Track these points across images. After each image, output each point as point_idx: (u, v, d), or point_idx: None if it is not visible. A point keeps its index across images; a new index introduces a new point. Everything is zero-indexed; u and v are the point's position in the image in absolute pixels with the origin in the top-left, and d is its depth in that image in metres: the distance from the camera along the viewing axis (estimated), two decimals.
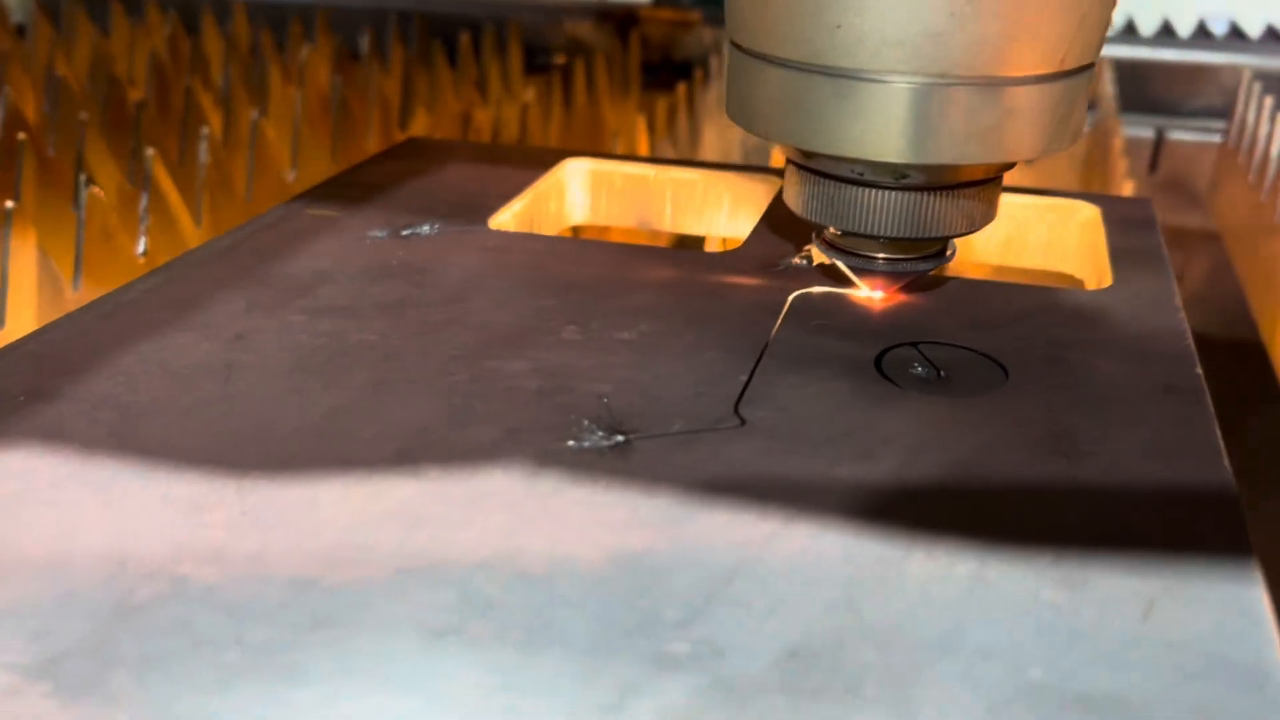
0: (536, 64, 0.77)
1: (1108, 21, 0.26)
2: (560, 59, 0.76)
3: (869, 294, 0.28)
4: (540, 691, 0.16)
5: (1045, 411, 0.23)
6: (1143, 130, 0.68)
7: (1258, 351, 0.50)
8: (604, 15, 0.78)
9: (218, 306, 0.27)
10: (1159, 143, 0.67)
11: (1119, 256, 0.31)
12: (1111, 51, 0.69)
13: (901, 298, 0.28)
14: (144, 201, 0.45)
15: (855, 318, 0.28)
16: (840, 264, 0.28)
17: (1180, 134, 0.68)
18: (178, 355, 0.25)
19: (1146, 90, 0.69)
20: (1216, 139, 0.67)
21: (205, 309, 0.27)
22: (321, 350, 0.25)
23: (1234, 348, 0.64)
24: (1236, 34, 0.71)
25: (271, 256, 0.30)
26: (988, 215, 0.28)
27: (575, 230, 0.40)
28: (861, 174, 0.26)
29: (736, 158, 0.74)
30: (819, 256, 0.30)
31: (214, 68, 0.68)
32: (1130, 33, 0.73)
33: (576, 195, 0.39)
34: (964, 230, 0.27)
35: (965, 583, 0.18)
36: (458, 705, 0.16)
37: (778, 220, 0.34)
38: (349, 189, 0.36)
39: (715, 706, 0.15)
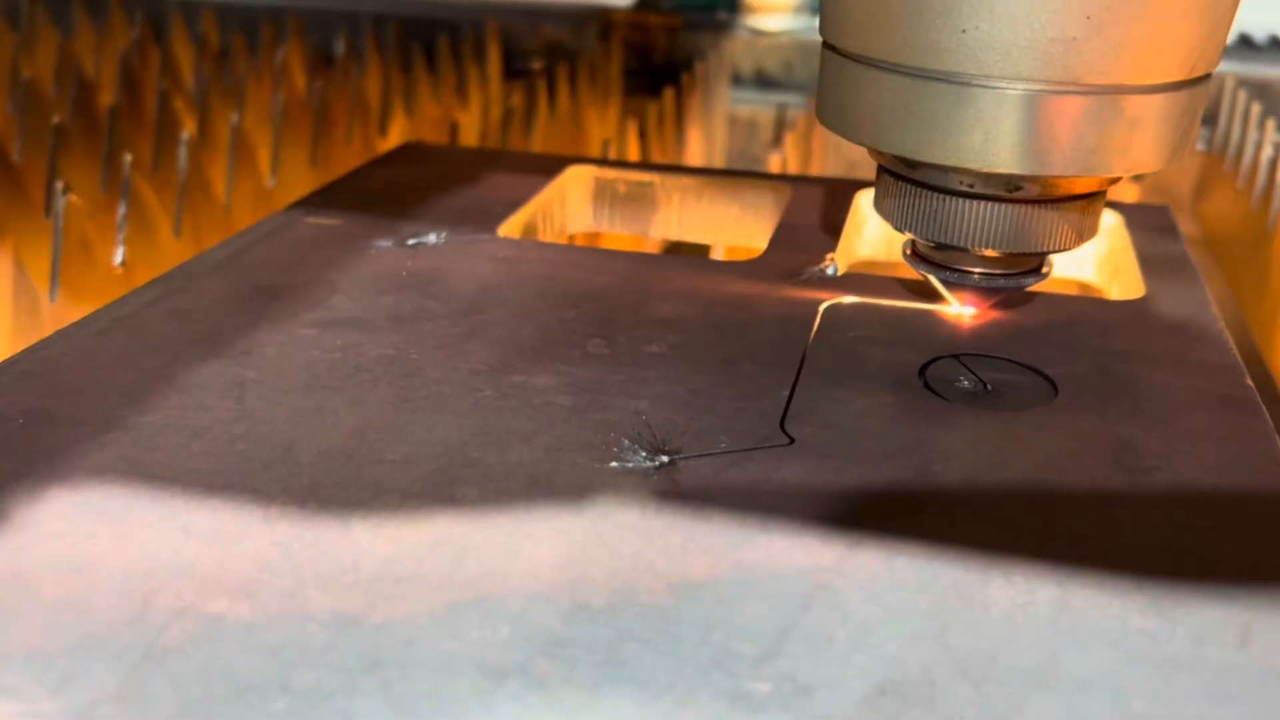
0: (515, 69, 0.75)
1: (1231, 26, 0.25)
2: (538, 64, 0.75)
3: (959, 310, 0.27)
4: None
5: (1101, 424, 0.22)
6: None
7: (1255, 360, 0.50)
8: (584, 19, 0.77)
9: (221, 320, 0.26)
10: None
11: (1148, 265, 0.31)
12: None
13: (993, 314, 0.27)
14: (122, 209, 0.43)
15: (889, 328, 0.27)
16: (932, 278, 0.27)
17: None
18: (185, 372, 0.23)
19: None
20: (1200, 147, 0.67)
21: (208, 323, 0.26)
22: (338, 366, 0.24)
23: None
24: None
25: (273, 267, 0.29)
26: (1094, 229, 0.26)
27: (571, 238, 0.39)
28: (972, 185, 0.25)
29: (720, 162, 0.73)
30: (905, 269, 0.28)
31: (185, 71, 0.66)
32: None
33: (580, 203, 0.38)
34: (1072, 245, 0.26)
35: (1049, 609, 0.17)
36: None
37: (795, 228, 0.33)
38: (347, 196, 0.35)
39: None
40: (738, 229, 0.37)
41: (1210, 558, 0.18)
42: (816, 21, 0.27)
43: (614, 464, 0.21)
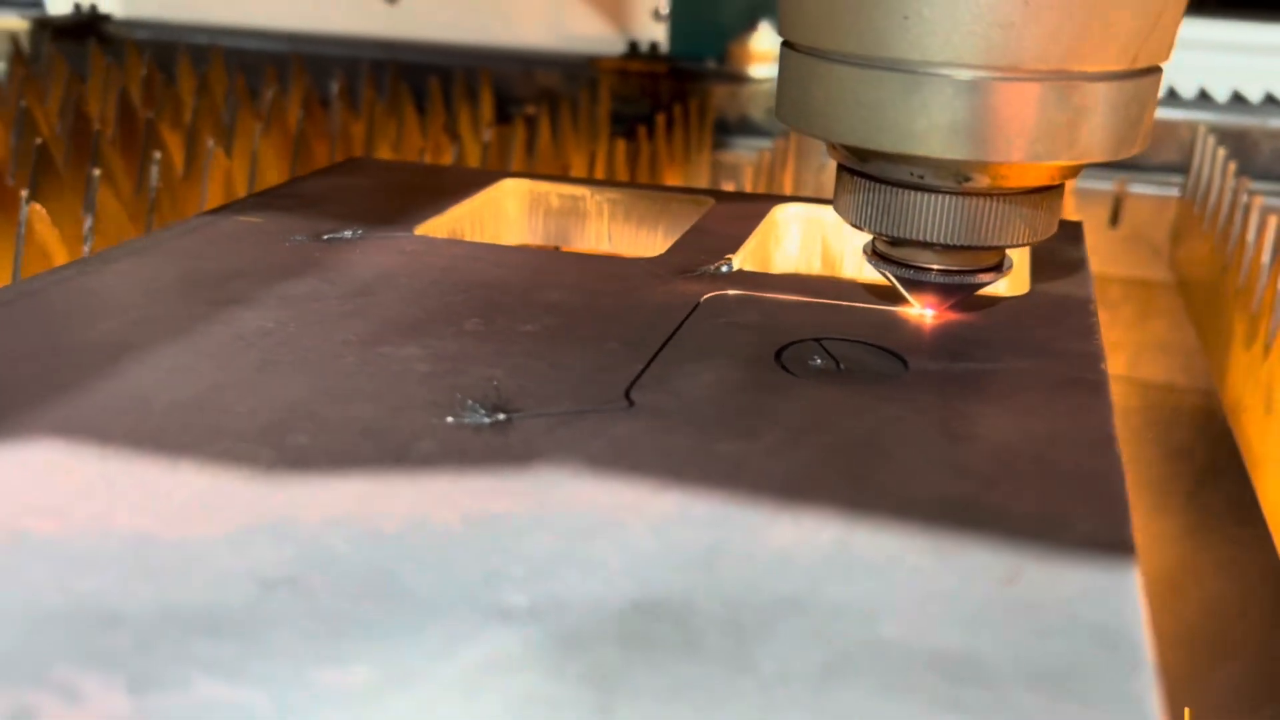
0: (507, 113, 0.77)
1: (1179, 23, 0.25)
2: (530, 109, 0.77)
3: (920, 311, 0.27)
4: (366, 638, 0.15)
5: (939, 399, 0.23)
6: (1103, 184, 0.68)
7: (1216, 398, 0.50)
8: (576, 66, 0.79)
9: (120, 297, 0.27)
10: (1119, 196, 0.68)
11: (1041, 268, 0.31)
12: None
13: (953, 316, 0.27)
14: (88, 222, 0.45)
15: (764, 316, 0.27)
16: (890, 277, 0.27)
17: (1140, 188, 0.68)
18: (69, 336, 0.24)
19: None
20: (1175, 193, 0.68)
21: (107, 298, 0.27)
22: (216, 335, 0.25)
23: (1191, 393, 0.64)
24: (1172, 94, 0.72)
25: (187, 255, 0.30)
26: (1050, 225, 0.27)
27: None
28: (921, 176, 0.25)
29: None
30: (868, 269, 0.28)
31: (185, 107, 0.69)
32: None
33: (513, 213, 0.39)
34: (1026, 239, 0.26)
35: (828, 548, 0.17)
36: (279, 650, 0.15)
37: (704, 233, 0.33)
38: (281, 199, 0.36)
39: (543, 655, 0.15)
40: (664, 240, 0.38)
41: (1007, 512, 0.19)
42: None
43: (450, 419, 0.21)
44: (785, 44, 0.27)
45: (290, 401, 0.22)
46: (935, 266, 0.27)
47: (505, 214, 0.39)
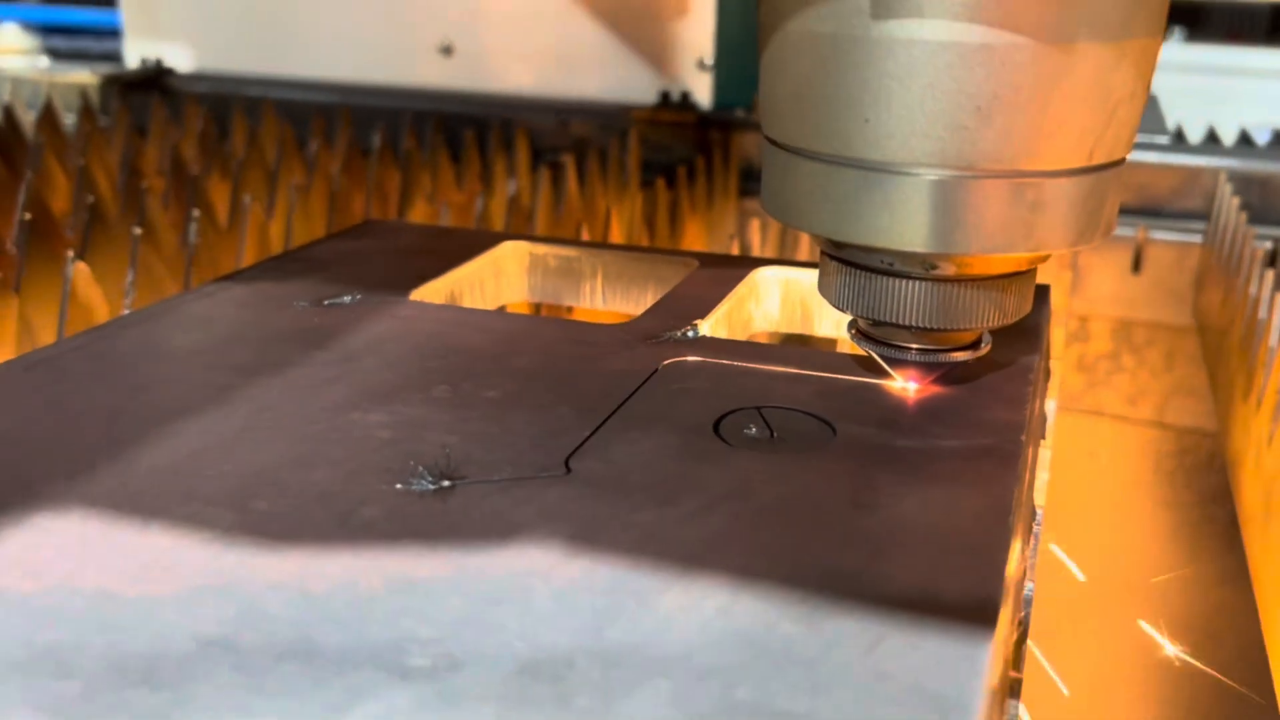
0: (544, 161, 0.80)
1: (1139, 116, 0.26)
2: (566, 157, 0.79)
3: (904, 385, 0.28)
4: (279, 694, 0.17)
5: (856, 466, 0.24)
6: (1126, 230, 0.69)
7: (1211, 439, 0.50)
8: (610, 116, 0.81)
9: (127, 363, 0.30)
10: (1141, 243, 0.68)
11: (997, 332, 0.32)
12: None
13: (936, 389, 0.28)
14: (130, 276, 0.48)
15: (715, 383, 0.29)
16: (874, 354, 0.28)
17: (1165, 234, 0.69)
18: (74, 401, 0.27)
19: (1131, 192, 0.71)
20: (1199, 239, 0.68)
21: (116, 364, 0.30)
22: (209, 399, 0.27)
23: (1203, 437, 0.64)
24: (1211, 138, 0.72)
25: (195, 322, 0.33)
26: (1020, 307, 0.28)
27: (503, 308, 0.42)
28: (891, 264, 0.26)
29: (716, 248, 0.76)
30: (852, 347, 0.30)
31: (233, 161, 0.72)
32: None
33: (513, 274, 0.42)
34: (995, 322, 0.27)
35: (710, 614, 0.19)
36: (203, 704, 0.17)
37: (679, 298, 0.35)
38: (294, 263, 0.39)
39: (429, 712, 0.17)
40: (650, 299, 0.40)
41: (887, 582, 0.20)
42: None
43: (399, 485, 0.23)
44: (766, 138, 0.28)
45: (259, 467, 0.24)
46: (914, 346, 0.28)
47: (506, 275, 0.41)
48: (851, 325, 0.29)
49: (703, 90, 0.87)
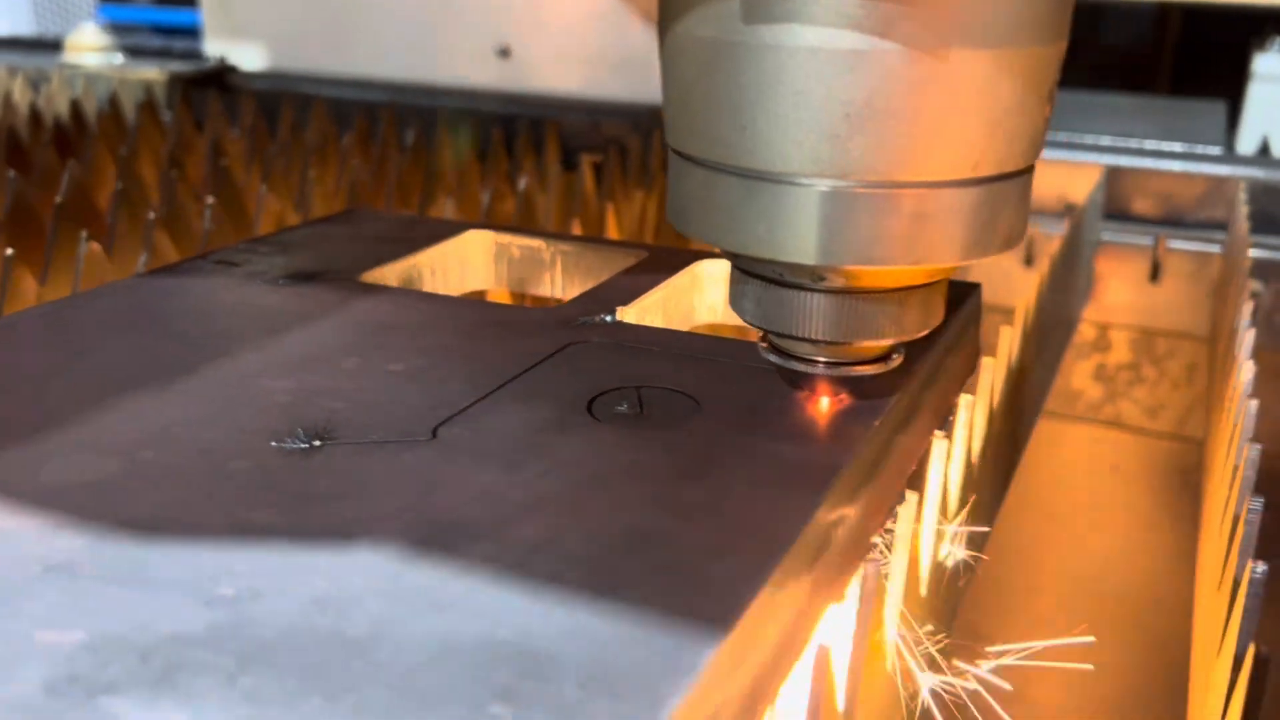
0: (573, 162, 0.82)
1: (1037, 127, 0.25)
2: (595, 158, 0.81)
3: (814, 403, 0.28)
4: (95, 613, 0.19)
5: (702, 444, 0.25)
6: (1143, 239, 0.68)
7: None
8: (640, 116, 0.83)
9: (83, 328, 0.32)
10: (1159, 252, 0.67)
11: None
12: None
13: (848, 401, 0.28)
14: (143, 258, 0.52)
15: (610, 365, 0.30)
16: (781, 365, 0.28)
17: (1184, 244, 0.67)
18: (20, 356, 0.30)
19: (1140, 202, 0.70)
20: (1218, 249, 0.67)
21: (71, 329, 0.32)
22: (138, 366, 0.30)
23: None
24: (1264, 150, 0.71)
25: (158, 295, 0.35)
26: (923, 322, 0.27)
27: (467, 294, 0.44)
28: (781, 274, 0.26)
29: None
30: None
31: (273, 155, 0.76)
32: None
33: (478, 263, 0.44)
34: (892, 336, 0.27)
35: (509, 564, 0.21)
36: (25, 614, 0.19)
37: (611, 287, 0.37)
38: (268, 245, 0.41)
39: (218, 635, 0.19)
40: None
41: (676, 548, 0.21)
42: None
43: (274, 443, 0.25)
44: (666, 145, 0.28)
45: (161, 423, 0.26)
46: (821, 359, 0.27)
47: (470, 263, 0.43)
48: (763, 337, 0.29)
49: None
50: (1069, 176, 0.70)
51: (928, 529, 0.32)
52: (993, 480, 0.43)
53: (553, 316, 0.34)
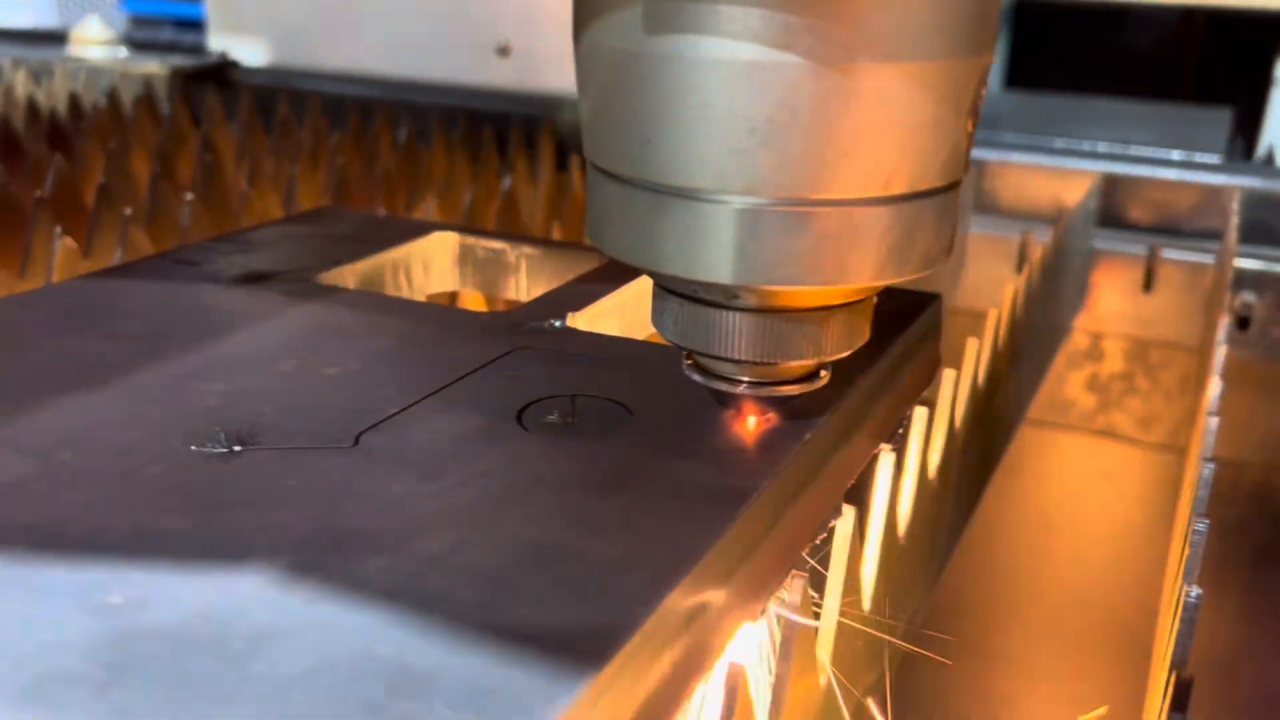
0: (567, 163, 0.82)
1: (957, 143, 0.24)
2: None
3: (745, 419, 0.27)
4: None
5: (625, 456, 0.25)
6: (1137, 248, 0.67)
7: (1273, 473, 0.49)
8: None
9: (25, 326, 0.32)
10: (1153, 261, 0.66)
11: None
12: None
13: (774, 420, 0.27)
14: (118, 256, 0.52)
15: (551, 373, 0.30)
16: (706, 385, 0.27)
17: (1178, 254, 0.67)
18: None
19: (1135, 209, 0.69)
20: (1212, 259, 0.66)
21: (18, 325, 0.32)
22: (71, 363, 0.30)
23: (1245, 467, 0.63)
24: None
25: (108, 293, 0.35)
26: (845, 342, 0.26)
27: (430, 297, 0.44)
28: (696, 292, 0.25)
29: None
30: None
31: (265, 150, 0.76)
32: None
33: (442, 265, 0.43)
34: (810, 356, 0.26)
35: (402, 577, 0.20)
36: None
37: (566, 291, 0.36)
38: (230, 243, 0.41)
39: (99, 644, 0.18)
40: None
41: (577, 564, 0.21)
42: None
43: (194, 447, 0.25)
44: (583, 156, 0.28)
45: (84, 424, 0.26)
46: (744, 379, 0.27)
47: (434, 265, 0.43)
48: (687, 355, 0.28)
49: None
50: (1063, 183, 0.69)
51: (873, 542, 0.32)
52: (958, 492, 0.42)
53: (501, 321, 0.34)
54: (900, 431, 0.33)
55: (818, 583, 0.28)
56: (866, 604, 0.31)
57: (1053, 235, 0.59)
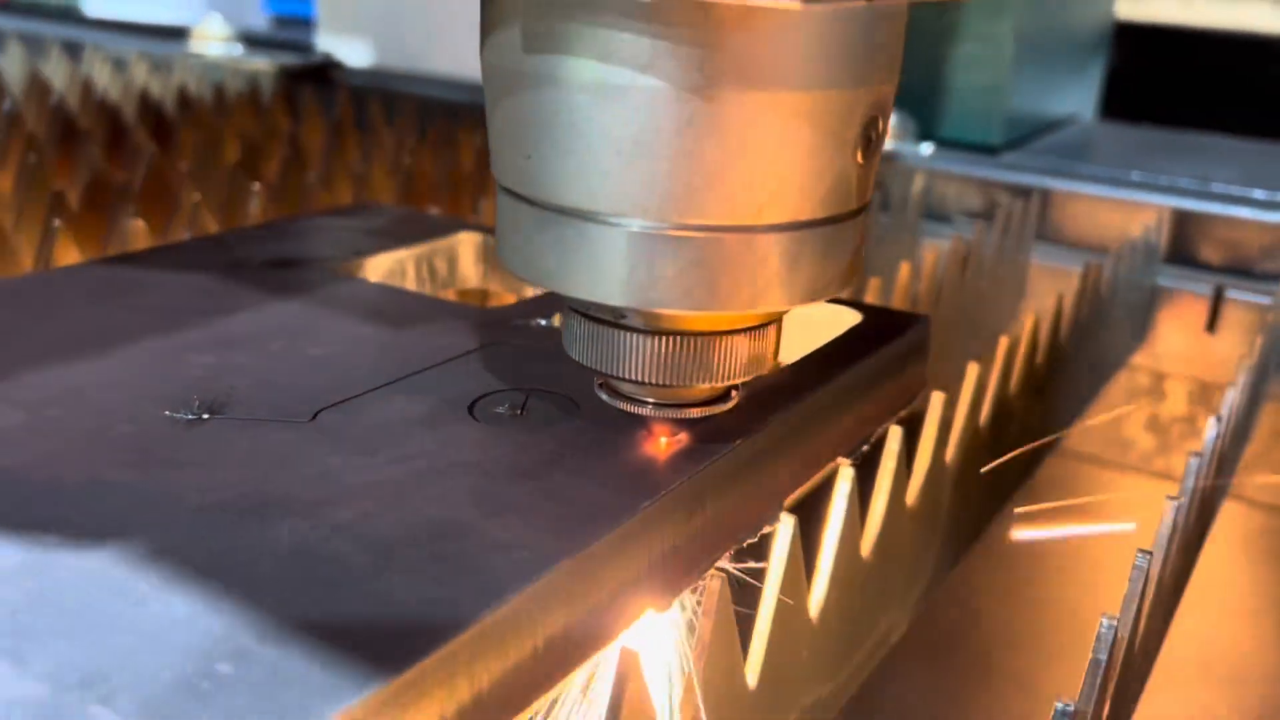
0: None
1: (843, 174, 0.24)
2: None
3: (657, 440, 0.27)
4: None
5: (559, 448, 0.26)
6: (1201, 287, 0.65)
7: None
8: None
9: (62, 296, 0.35)
10: (1217, 301, 0.64)
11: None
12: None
13: (683, 441, 0.27)
14: (187, 237, 0.55)
15: (516, 369, 0.31)
16: (614, 404, 0.28)
17: (1246, 295, 0.65)
18: None
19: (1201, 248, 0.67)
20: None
21: (52, 297, 0.35)
22: (86, 332, 0.32)
23: None
24: None
25: (148, 268, 0.38)
26: (734, 369, 0.26)
27: (458, 293, 0.45)
28: (585, 309, 0.26)
29: None
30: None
31: (351, 148, 0.80)
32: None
33: (468, 262, 0.45)
34: (700, 380, 0.26)
35: (287, 538, 0.22)
36: None
37: None
38: (268, 231, 0.44)
39: (22, 574, 0.21)
40: None
41: (466, 540, 0.22)
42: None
43: (167, 412, 0.27)
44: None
45: (79, 384, 0.29)
46: (650, 400, 0.27)
47: (460, 262, 0.45)
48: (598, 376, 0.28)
49: None
50: (1130, 216, 0.68)
51: (827, 554, 0.32)
52: (956, 517, 0.42)
53: (492, 317, 0.35)
54: (864, 449, 0.33)
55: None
56: (813, 612, 0.31)
57: (1106, 267, 0.58)
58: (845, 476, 0.32)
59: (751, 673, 0.28)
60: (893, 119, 0.79)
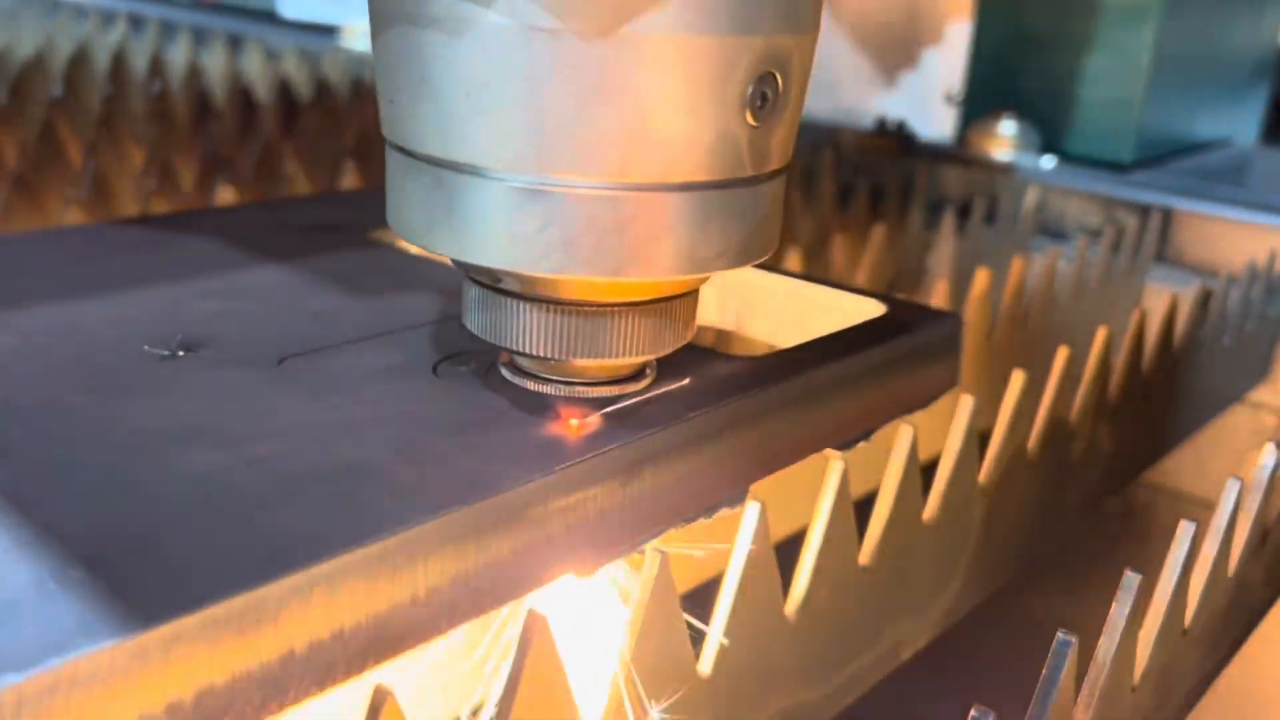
0: None
1: (726, 136, 0.22)
2: None
3: (568, 422, 0.25)
4: None
5: (516, 400, 0.26)
6: None
7: None
8: (821, 139, 0.82)
9: (104, 241, 0.37)
10: None
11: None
12: None
13: (597, 423, 0.25)
14: None
15: None
16: (517, 383, 0.26)
17: None
18: (21, 260, 0.35)
19: None
20: None
21: (75, 250, 0.37)
22: (116, 277, 0.34)
23: None
24: None
25: (191, 227, 0.40)
26: (628, 346, 0.24)
27: None
28: (469, 272, 0.24)
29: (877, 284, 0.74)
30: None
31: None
32: None
33: None
34: (584, 354, 0.24)
35: (242, 460, 0.22)
36: None
37: None
38: (325, 200, 0.45)
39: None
40: None
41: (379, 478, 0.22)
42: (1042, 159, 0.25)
43: (147, 347, 0.28)
44: None
45: (83, 318, 0.30)
46: (553, 378, 0.25)
47: None
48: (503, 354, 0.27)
49: (943, 123, 0.86)
50: (1258, 240, 0.63)
51: (812, 550, 0.31)
52: (986, 524, 0.39)
53: None
54: (860, 442, 0.32)
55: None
56: (789, 609, 0.30)
57: (1217, 293, 0.53)
58: (834, 470, 0.31)
59: (705, 661, 0.27)
60: (1013, 129, 0.75)
